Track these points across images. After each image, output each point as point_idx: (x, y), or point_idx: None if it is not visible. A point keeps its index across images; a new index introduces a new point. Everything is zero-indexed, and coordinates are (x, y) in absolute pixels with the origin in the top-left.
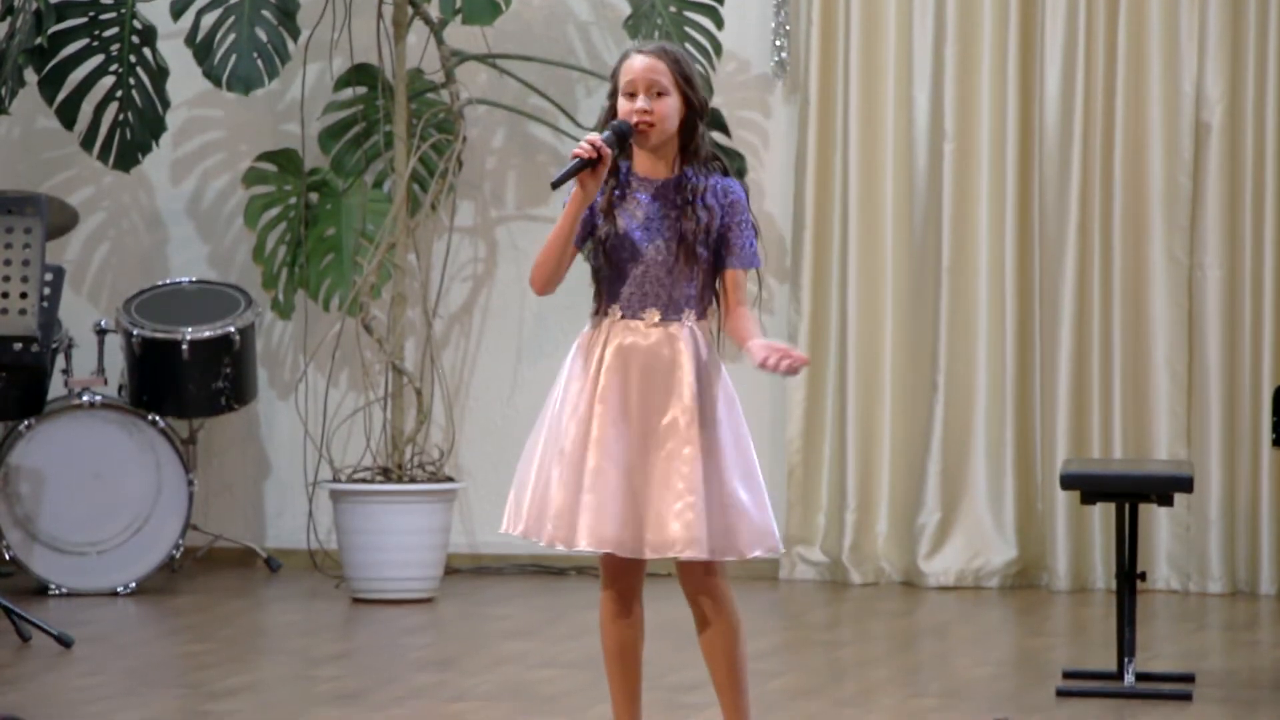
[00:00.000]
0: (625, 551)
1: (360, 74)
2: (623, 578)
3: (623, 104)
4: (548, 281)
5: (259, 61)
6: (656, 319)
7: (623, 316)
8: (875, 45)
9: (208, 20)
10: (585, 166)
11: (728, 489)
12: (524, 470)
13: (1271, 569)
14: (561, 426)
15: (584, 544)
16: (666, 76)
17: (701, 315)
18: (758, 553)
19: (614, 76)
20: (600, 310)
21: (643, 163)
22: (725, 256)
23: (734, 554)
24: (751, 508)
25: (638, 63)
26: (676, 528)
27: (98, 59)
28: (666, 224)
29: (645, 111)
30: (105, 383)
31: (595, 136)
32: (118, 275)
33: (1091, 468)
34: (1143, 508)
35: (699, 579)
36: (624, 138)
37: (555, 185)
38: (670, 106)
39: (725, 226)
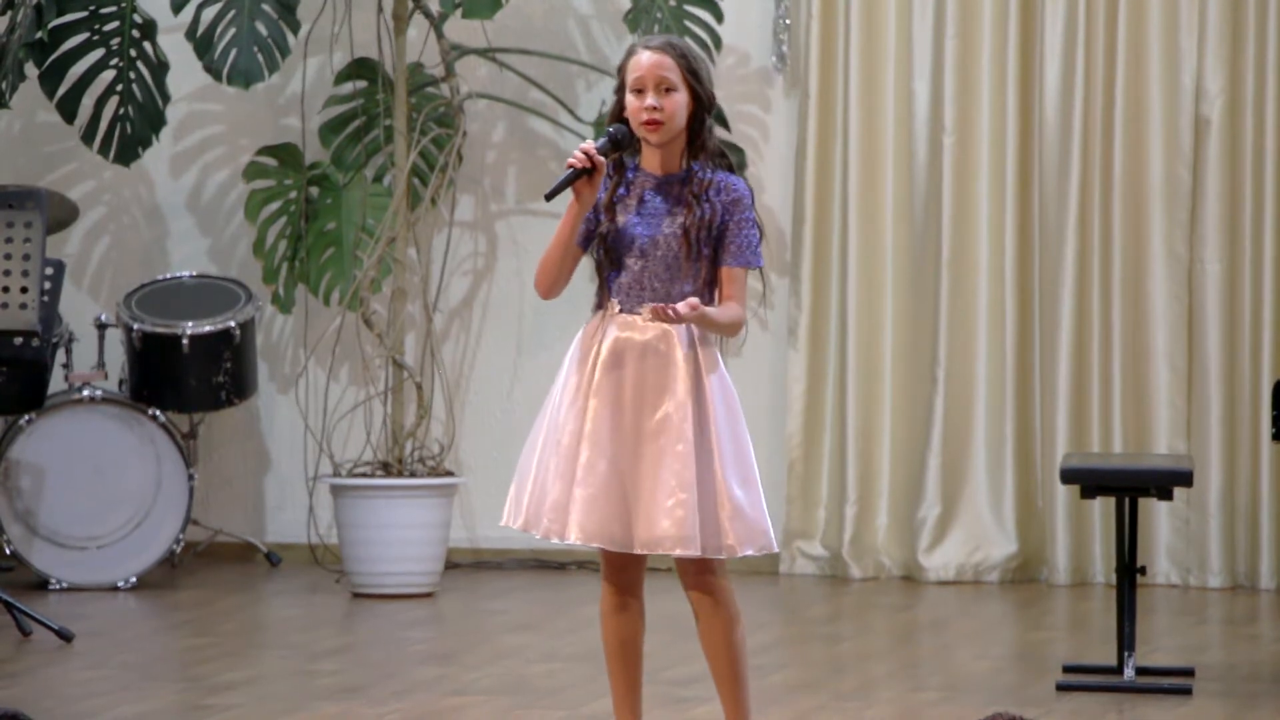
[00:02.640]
0: (615, 546)
1: (360, 68)
2: (623, 571)
3: (631, 100)
4: (551, 286)
5: (259, 55)
6: (649, 317)
7: (620, 311)
8: (875, 39)
9: (208, 14)
10: (579, 176)
11: (722, 486)
12: (524, 463)
13: (1271, 563)
14: (559, 419)
15: (574, 537)
16: (675, 73)
17: None
18: (750, 551)
19: (620, 71)
20: (599, 304)
21: (649, 158)
22: (721, 253)
23: (726, 552)
24: (746, 506)
25: (645, 59)
26: (667, 524)
27: (98, 53)
28: (669, 220)
29: (654, 109)
30: (106, 377)
31: (589, 145)
32: (118, 270)
33: (1091, 462)
34: (1142, 502)
35: (696, 576)
36: (620, 144)
37: (549, 197)
38: (679, 103)
39: (725, 224)
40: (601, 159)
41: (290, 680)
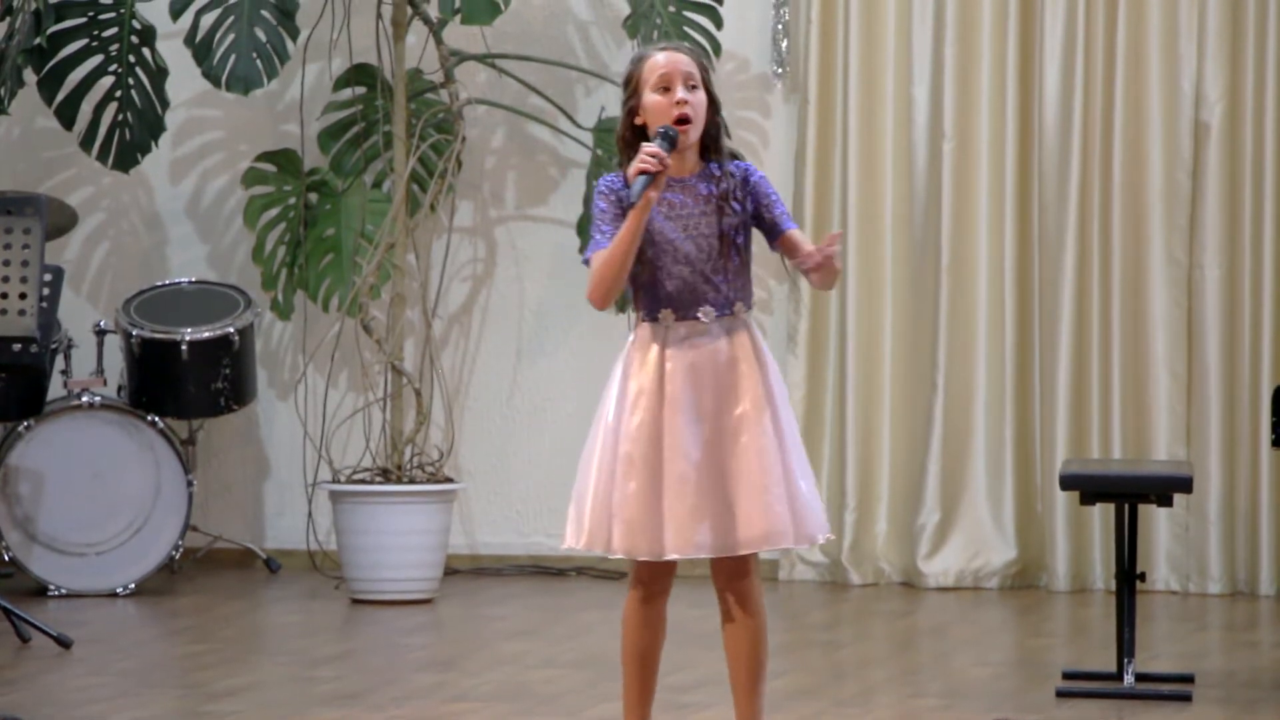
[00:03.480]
0: (717, 553)
1: (359, 74)
2: (656, 580)
3: (655, 99)
4: (609, 295)
5: (258, 61)
6: (713, 316)
7: (677, 319)
8: (875, 44)
9: (207, 20)
10: (654, 179)
11: (793, 477)
12: (582, 482)
13: (1271, 569)
14: (623, 434)
15: (673, 553)
16: (696, 70)
17: (749, 305)
18: (820, 539)
19: (632, 78)
20: (650, 315)
21: (675, 159)
22: (776, 226)
23: (805, 541)
24: (810, 496)
25: (664, 58)
26: (766, 520)
27: (97, 59)
28: (704, 221)
29: (684, 102)
30: (104, 383)
31: (654, 148)
32: (117, 276)
33: (1091, 468)
34: (1142, 508)
35: (732, 579)
36: (674, 142)
37: (631, 205)
38: (703, 100)
39: (759, 205)
40: (669, 160)
41: (289, 686)
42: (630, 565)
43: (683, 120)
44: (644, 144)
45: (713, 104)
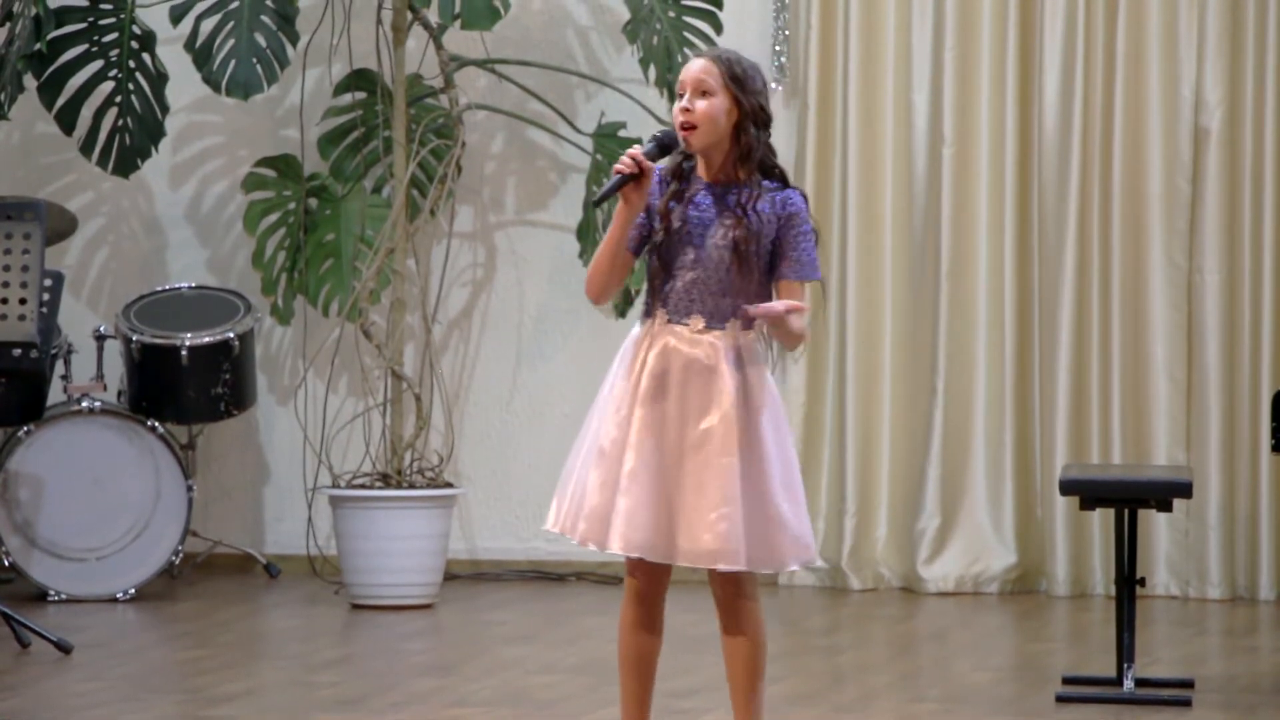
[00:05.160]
0: (656, 556)
1: (359, 79)
2: (649, 585)
3: (674, 108)
4: (601, 291)
5: (258, 67)
6: (700, 325)
7: (669, 321)
8: (874, 50)
9: (207, 25)
10: (626, 182)
11: (768, 500)
12: (567, 470)
13: (1271, 574)
14: (603, 427)
15: (615, 546)
16: (715, 78)
17: (748, 326)
18: (794, 566)
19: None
20: (648, 313)
21: (703, 165)
22: (780, 266)
23: (772, 566)
24: (791, 519)
25: (691, 66)
26: (710, 538)
27: (97, 64)
28: (721, 231)
29: (685, 110)
30: (104, 388)
31: (636, 150)
32: (117, 281)
33: (1091, 473)
34: (1142, 513)
35: (728, 598)
36: (667, 148)
37: (596, 204)
38: (716, 107)
39: (781, 238)
40: (649, 164)
41: (289, 691)
42: (626, 570)
43: (685, 127)
44: (632, 147)
45: (743, 112)
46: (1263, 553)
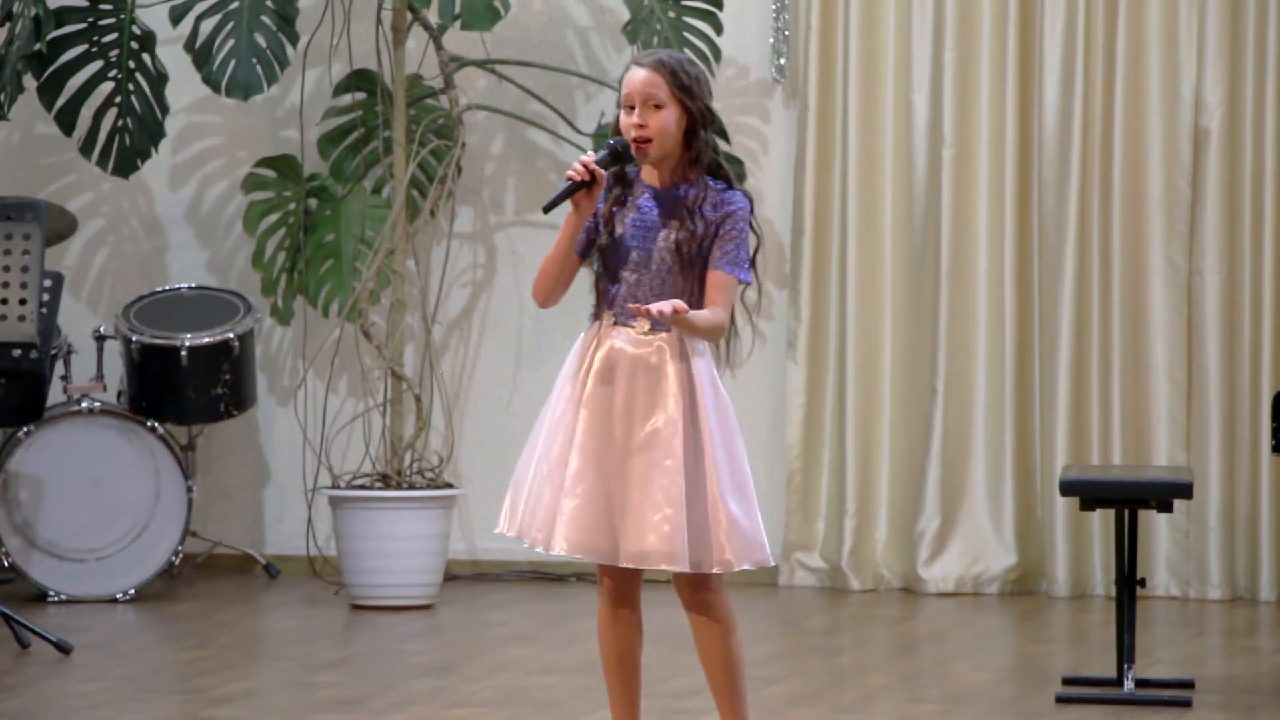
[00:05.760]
0: (600, 558)
1: (359, 79)
2: (618, 584)
3: (622, 117)
4: (548, 294)
5: (258, 67)
6: (646, 327)
7: (615, 323)
8: (874, 51)
9: (207, 26)
10: (578, 189)
11: (716, 501)
12: (520, 471)
13: (1271, 575)
14: (552, 428)
15: (560, 548)
16: (663, 89)
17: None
18: (746, 566)
19: (620, 86)
20: (595, 315)
21: (648, 171)
22: (709, 259)
23: (720, 566)
24: (742, 520)
25: (634, 76)
26: (653, 539)
27: (97, 65)
28: (664, 233)
29: (640, 126)
30: (104, 389)
31: (588, 157)
32: (117, 281)
33: (1091, 474)
34: (1142, 514)
35: (692, 594)
36: (620, 156)
37: (547, 209)
38: (667, 119)
39: (719, 234)
40: (601, 171)
41: (289, 692)
42: (597, 570)
43: (640, 141)
44: (585, 155)
45: (692, 118)
46: (1263, 553)
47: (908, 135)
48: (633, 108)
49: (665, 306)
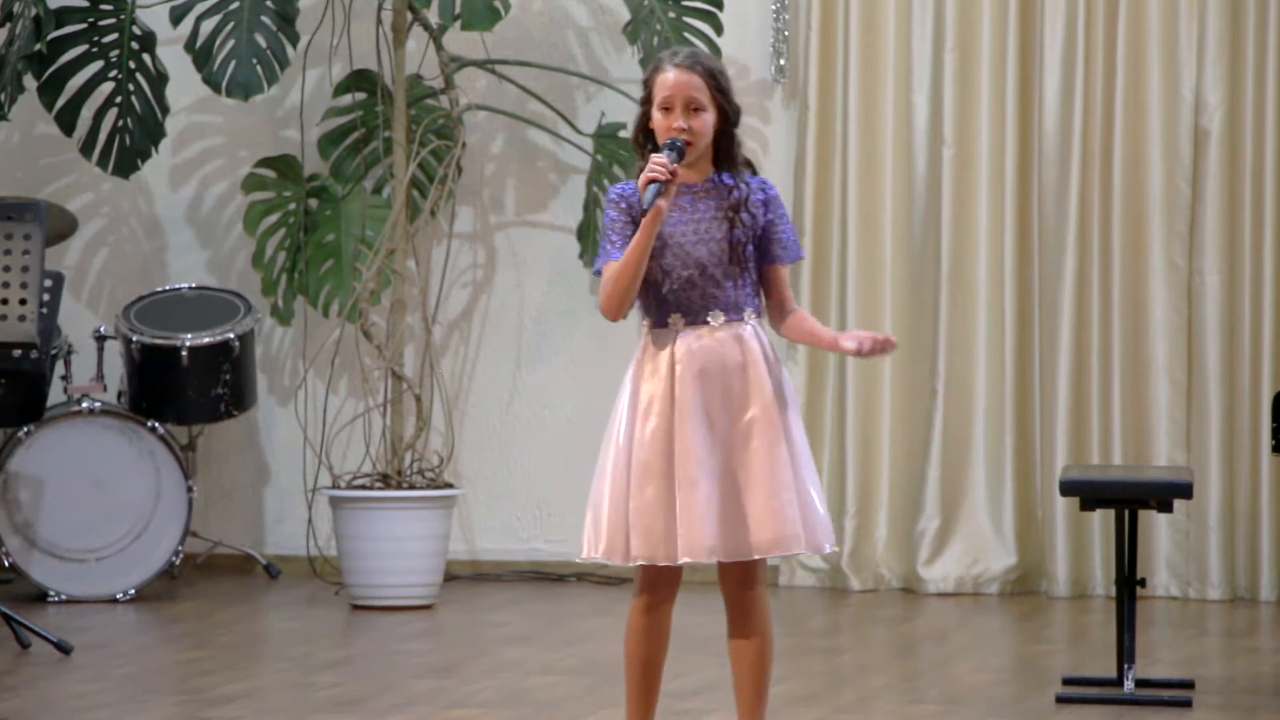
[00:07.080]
0: (729, 557)
1: (359, 80)
2: (661, 587)
3: (658, 118)
4: (622, 306)
5: (258, 67)
6: (722, 320)
7: (688, 324)
8: (874, 51)
9: (207, 26)
10: (664, 188)
11: (803, 484)
12: (597, 490)
13: (1271, 575)
14: (638, 441)
15: (686, 557)
16: (703, 92)
17: (758, 312)
18: (827, 549)
19: (646, 85)
20: (660, 321)
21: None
22: (771, 250)
23: (814, 548)
24: (819, 505)
25: (673, 77)
26: (776, 525)
27: (97, 65)
28: (714, 227)
29: (684, 130)
30: (105, 389)
31: (663, 158)
32: (117, 281)
33: (1091, 474)
34: (1142, 514)
35: (739, 589)
36: (682, 154)
37: (644, 212)
38: (708, 121)
39: (769, 222)
40: (678, 169)
41: (289, 692)
42: (637, 572)
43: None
44: (653, 154)
45: (725, 116)
46: (1263, 553)
47: (908, 135)
48: (669, 109)
49: (889, 343)
